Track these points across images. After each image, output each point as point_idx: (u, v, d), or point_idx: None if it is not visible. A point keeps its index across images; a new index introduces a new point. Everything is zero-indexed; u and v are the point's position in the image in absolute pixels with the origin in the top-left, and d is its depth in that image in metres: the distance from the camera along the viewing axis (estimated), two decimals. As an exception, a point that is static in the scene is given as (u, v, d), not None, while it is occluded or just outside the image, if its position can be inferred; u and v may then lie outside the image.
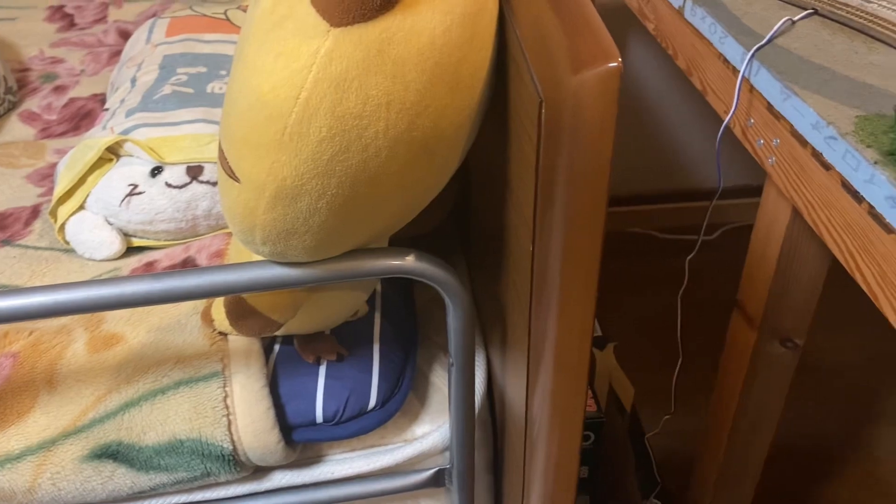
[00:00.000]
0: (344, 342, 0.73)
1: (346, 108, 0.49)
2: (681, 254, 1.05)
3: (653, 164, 1.72)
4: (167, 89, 0.94)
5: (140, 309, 0.75)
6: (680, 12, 0.85)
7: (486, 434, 0.83)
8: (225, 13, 1.16)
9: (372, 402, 0.71)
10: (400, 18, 0.49)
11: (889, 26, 0.73)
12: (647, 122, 1.67)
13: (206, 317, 0.72)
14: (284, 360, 0.72)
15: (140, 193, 0.82)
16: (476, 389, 0.77)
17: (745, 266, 0.82)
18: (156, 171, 0.82)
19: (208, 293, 0.59)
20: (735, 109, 0.74)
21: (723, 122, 0.76)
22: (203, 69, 0.99)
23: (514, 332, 0.69)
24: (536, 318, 0.59)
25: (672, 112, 1.65)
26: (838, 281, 0.63)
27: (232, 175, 0.54)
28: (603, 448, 1.01)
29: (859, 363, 1.40)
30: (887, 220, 0.54)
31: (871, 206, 0.55)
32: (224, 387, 0.69)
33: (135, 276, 0.59)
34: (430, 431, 0.74)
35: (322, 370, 0.72)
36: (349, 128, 0.50)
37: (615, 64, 0.45)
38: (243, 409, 0.68)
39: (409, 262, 0.61)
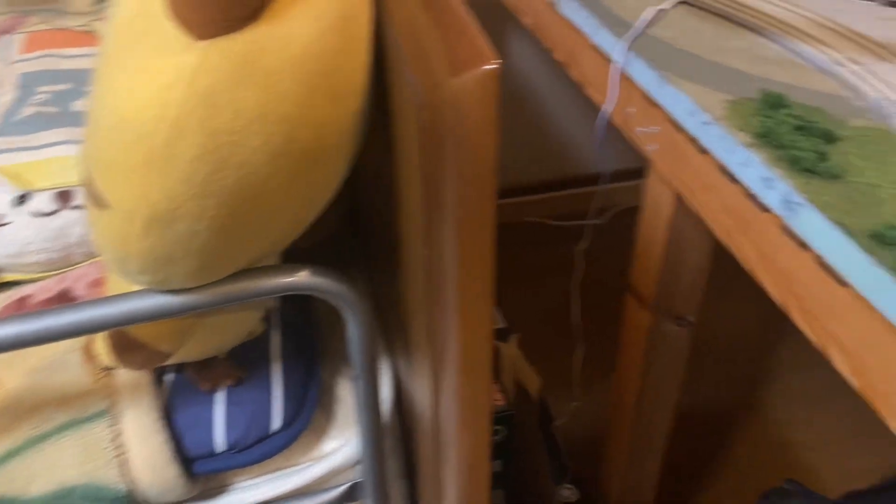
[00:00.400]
0: (241, 364, 0.70)
1: (218, 125, 0.47)
2: (575, 240, 1.07)
3: (540, 153, 1.74)
4: (29, 110, 0.88)
5: (14, 350, 0.70)
6: (553, 5, 0.86)
7: (398, 441, 0.81)
8: (89, 25, 1.09)
9: (276, 424, 0.68)
10: (268, 28, 0.47)
11: (750, 12, 0.76)
12: (533, 113, 1.69)
13: (89, 353, 0.68)
14: (179, 388, 0.69)
15: (5, 224, 0.76)
16: (383, 399, 0.75)
17: (634, 251, 0.84)
18: (21, 199, 0.77)
19: (86, 330, 0.55)
20: (612, 100, 0.76)
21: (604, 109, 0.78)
22: (67, 86, 0.93)
23: (416, 337, 0.68)
24: (437, 321, 0.59)
25: (556, 101, 1.68)
26: (728, 253, 0.65)
27: (99, 201, 0.50)
28: (514, 441, 1.02)
29: (750, 331, 1.48)
30: (762, 200, 0.56)
31: (747, 188, 0.58)
32: (114, 425, 0.65)
33: (4, 317, 0.54)
34: (340, 447, 0.73)
35: (220, 396, 0.69)
36: (223, 144, 0.47)
37: (494, 65, 0.45)
38: (137, 446, 0.65)
39: (302, 277, 0.59)
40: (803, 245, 0.53)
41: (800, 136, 0.56)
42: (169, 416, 0.67)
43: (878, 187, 0.52)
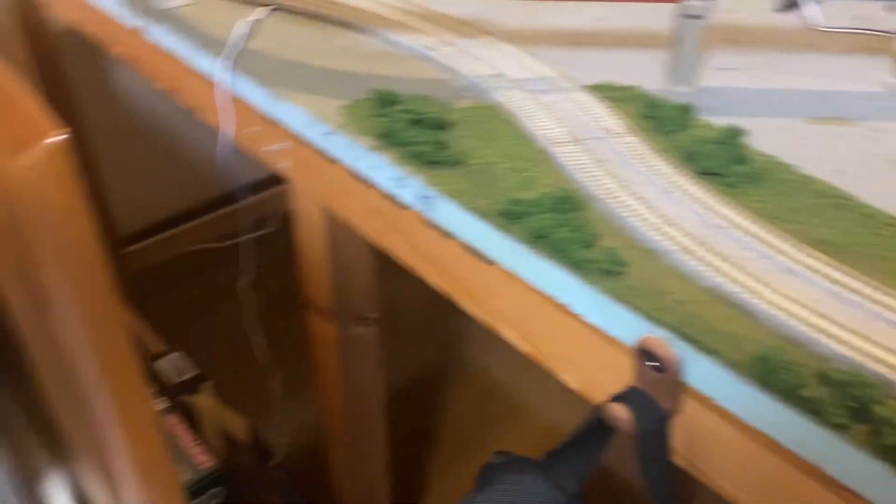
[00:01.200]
0: None
1: None
2: (239, 260, 1.02)
3: (187, 178, 1.64)
4: None
5: None
6: (140, 33, 0.78)
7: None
8: None
9: None
10: None
11: (341, 9, 0.76)
12: (167, 138, 1.58)
13: None
14: None
15: None
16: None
17: (299, 265, 0.81)
18: None
19: None
20: (230, 123, 0.71)
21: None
22: None
23: (78, 445, 0.58)
24: (94, 429, 0.50)
25: (189, 123, 1.58)
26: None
27: None
28: (238, 494, 0.95)
29: (433, 299, 1.55)
30: (399, 199, 0.56)
31: (383, 190, 0.57)
32: None
33: None
34: None
35: None
36: None
37: (60, 135, 0.38)
38: None
39: None
40: (447, 234, 0.53)
41: (417, 130, 0.56)
42: None
43: (494, 164, 0.54)
